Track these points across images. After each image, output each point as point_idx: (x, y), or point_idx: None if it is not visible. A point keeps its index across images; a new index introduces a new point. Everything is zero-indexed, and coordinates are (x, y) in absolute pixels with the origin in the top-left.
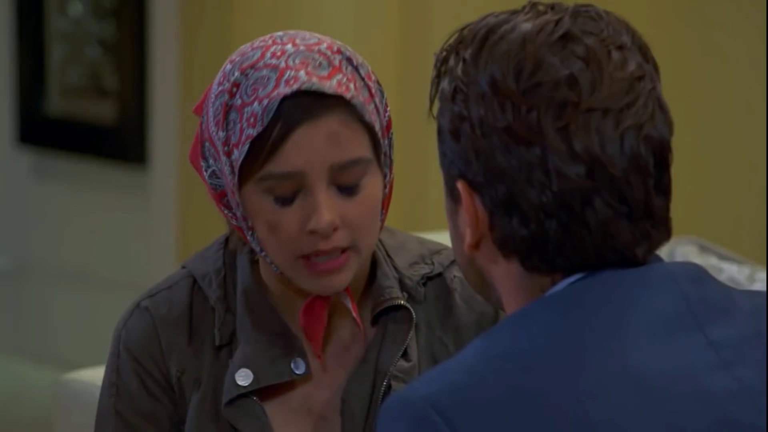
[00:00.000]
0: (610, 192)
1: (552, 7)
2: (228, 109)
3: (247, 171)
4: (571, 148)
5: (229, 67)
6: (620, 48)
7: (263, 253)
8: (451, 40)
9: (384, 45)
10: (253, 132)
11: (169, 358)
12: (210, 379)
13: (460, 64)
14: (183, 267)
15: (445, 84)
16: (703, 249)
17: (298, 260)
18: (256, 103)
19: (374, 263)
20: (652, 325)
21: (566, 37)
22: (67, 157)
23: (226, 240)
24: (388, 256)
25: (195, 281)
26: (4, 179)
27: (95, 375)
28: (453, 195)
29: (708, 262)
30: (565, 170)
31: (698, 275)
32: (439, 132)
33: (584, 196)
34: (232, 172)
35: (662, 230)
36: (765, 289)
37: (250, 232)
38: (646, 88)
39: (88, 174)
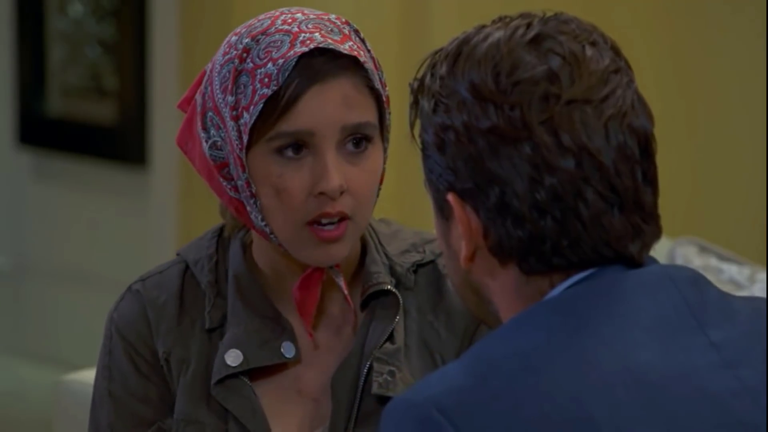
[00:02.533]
0: (601, 182)
1: (520, 15)
2: (238, 73)
3: (257, 132)
4: (559, 141)
5: (234, 38)
6: (593, 44)
7: (264, 223)
8: (424, 66)
9: (385, 45)
10: (267, 91)
11: (156, 338)
12: (201, 361)
13: (437, 81)
14: (178, 254)
15: (424, 103)
16: (703, 249)
17: (304, 227)
18: (270, 64)
19: (364, 250)
20: (653, 327)
21: (539, 38)
22: (67, 158)
23: (221, 228)
24: (380, 243)
25: (187, 267)
26: (4, 180)
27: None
28: (443, 212)
29: (708, 262)
30: (556, 163)
31: (696, 279)
32: (424, 149)
33: (576, 188)
34: (240, 136)
35: (653, 226)
36: (765, 289)
37: (252, 200)
38: (622, 81)
39: (88, 174)
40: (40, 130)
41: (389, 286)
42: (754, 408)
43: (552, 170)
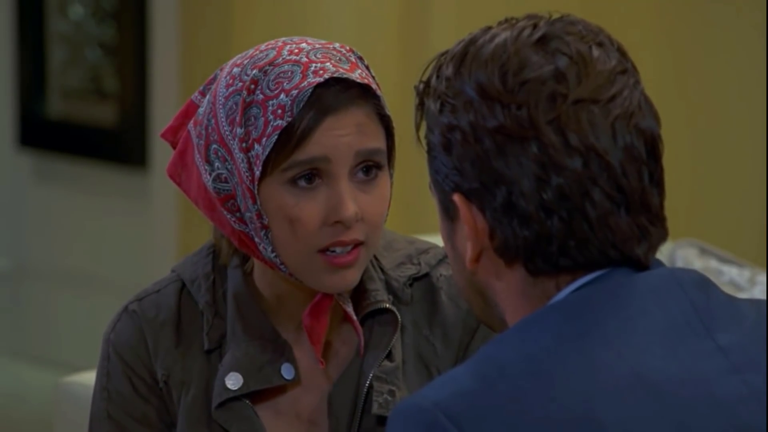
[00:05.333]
0: (608, 182)
1: (526, 16)
2: (247, 105)
3: (270, 163)
4: (566, 141)
5: (236, 69)
6: (600, 45)
7: (274, 254)
8: (429, 69)
9: (385, 46)
10: (282, 123)
11: (155, 360)
12: (200, 383)
13: (443, 82)
14: (172, 271)
15: (430, 104)
16: (704, 251)
17: (316, 255)
18: (282, 95)
19: None
20: (661, 331)
21: (546, 38)
22: (68, 160)
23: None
24: (375, 257)
25: (184, 285)
26: (4, 181)
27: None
28: (449, 214)
29: (708, 264)
30: (563, 163)
31: (703, 282)
32: (430, 150)
33: (583, 188)
34: (250, 167)
35: (660, 228)
36: (765, 291)
37: (263, 232)
38: (629, 82)
39: (89, 176)
40: (40, 132)
41: (388, 305)
42: (761, 413)
43: (559, 170)
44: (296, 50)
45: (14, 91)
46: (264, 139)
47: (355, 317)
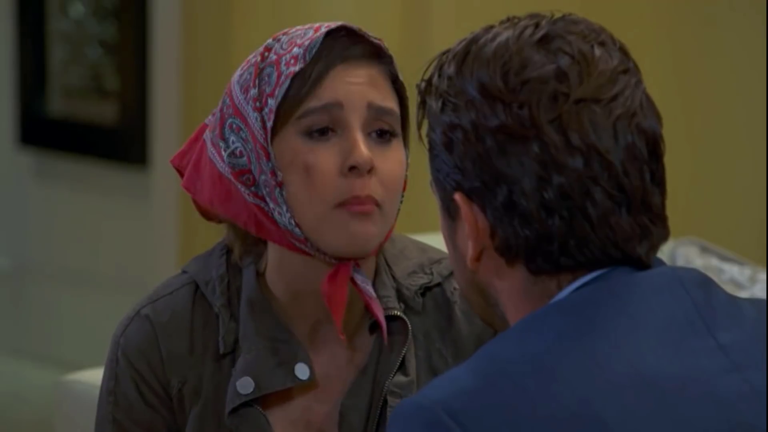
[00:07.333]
0: (609, 181)
1: (528, 15)
2: (260, 70)
3: (284, 114)
4: (567, 140)
5: (250, 55)
6: (602, 44)
7: (289, 216)
8: (431, 67)
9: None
10: (294, 69)
11: (169, 368)
12: (211, 389)
13: (445, 81)
14: (184, 272)
15: (431, 102)
16: (704, 250)
17: (333, 210)
18: (296, 48)
19: (374, 272)
20: (663, 329)
21: (548, 37)
22: (68, 158)
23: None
24: (388, 265)
25: (197, 287)
26: (5, 180)
27: (96, 376)
28: (450, 212)
29: (709, 263)
30: (564, 162)
31: (704, 281)
32: (431, 149)
33: (584, 187)
34: (264, 125)
35: (661, 227)
36: (766, 290)
37: (277, 191)
38: (631, 81)
39: (89, 175)
40: (41, 131)
41: (398, 312)
42: (761, 411)
43: (560, 169)
44: (308, 25)
45: (15, 89)
46: (277, 90)
47: (374, 294)
